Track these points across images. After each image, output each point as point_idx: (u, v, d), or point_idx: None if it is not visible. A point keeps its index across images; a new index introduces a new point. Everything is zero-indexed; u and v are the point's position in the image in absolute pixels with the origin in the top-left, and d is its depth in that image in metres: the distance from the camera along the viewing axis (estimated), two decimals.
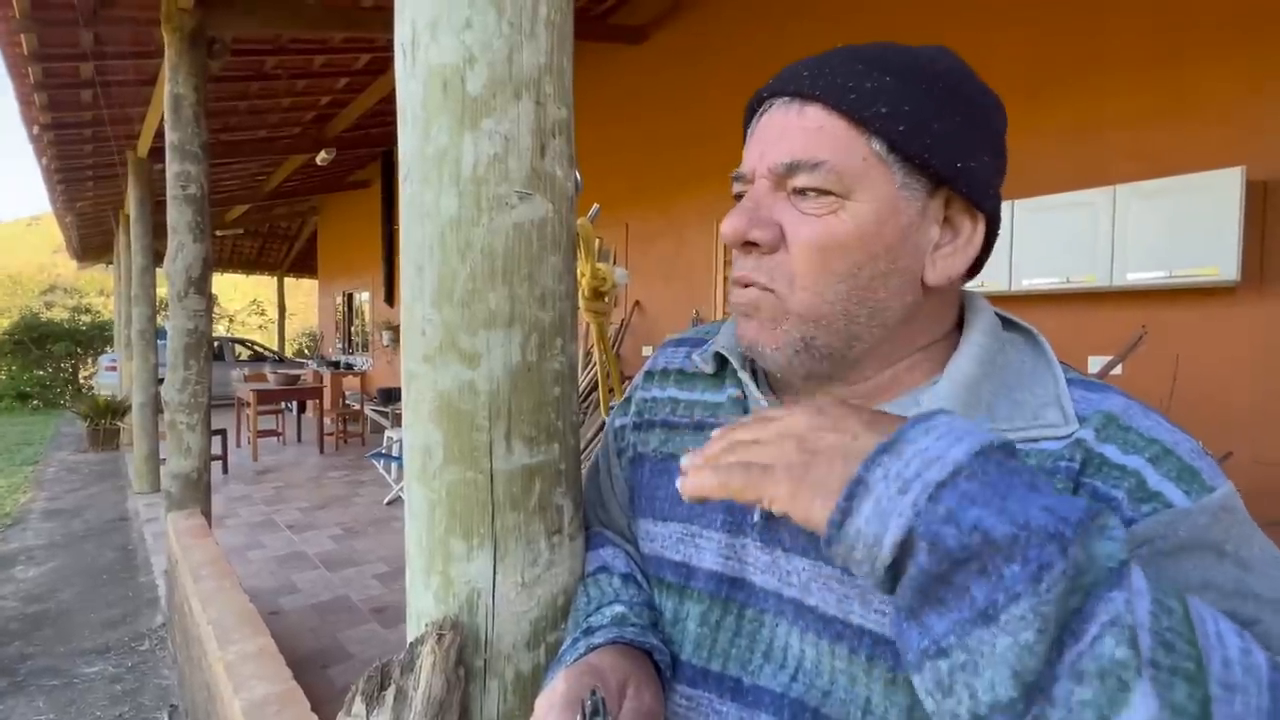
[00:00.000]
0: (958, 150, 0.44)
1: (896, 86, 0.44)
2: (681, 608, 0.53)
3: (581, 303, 0.95)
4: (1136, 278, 2.58)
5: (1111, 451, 0.41)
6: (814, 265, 0.45)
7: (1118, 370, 2.57)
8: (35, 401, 13.26)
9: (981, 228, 0.47)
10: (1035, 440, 0.43)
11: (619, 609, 0.54)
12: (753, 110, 0.51)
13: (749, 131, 0.51)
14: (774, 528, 0.48)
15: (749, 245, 0.47)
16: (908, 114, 0.43)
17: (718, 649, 0.49)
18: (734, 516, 0.51)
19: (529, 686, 0.59)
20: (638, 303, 5.34)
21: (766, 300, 0.47)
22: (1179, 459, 0.40)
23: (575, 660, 0.49)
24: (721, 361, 0.58)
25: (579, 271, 0.89)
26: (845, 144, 0.44)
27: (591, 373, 4.21)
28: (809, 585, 0.46)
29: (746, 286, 0.49)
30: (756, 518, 0.49)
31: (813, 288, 0.46)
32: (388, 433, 5.74)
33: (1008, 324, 0.52)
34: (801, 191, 0.45)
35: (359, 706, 0.54)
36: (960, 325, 0.51)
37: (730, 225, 0.47)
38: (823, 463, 0.36)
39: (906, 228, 0.45)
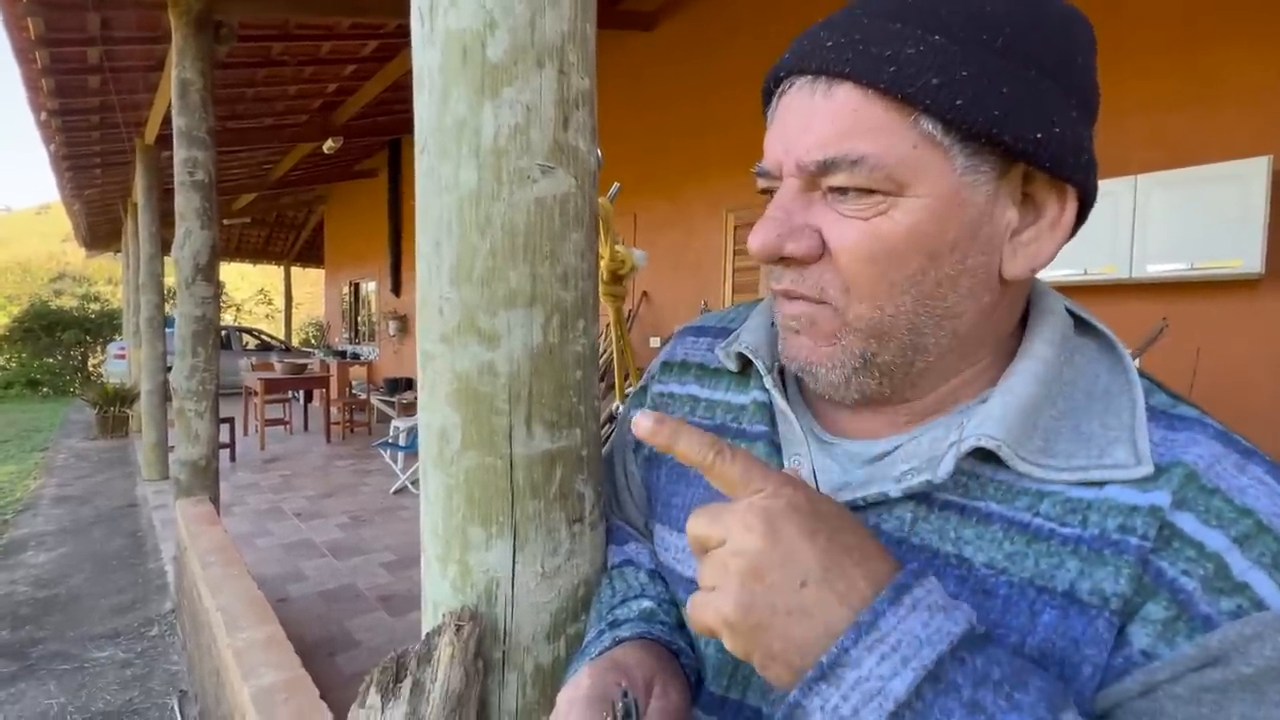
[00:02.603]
0: (1034, 115, 0.35)
1: (948, 46, 0.34)
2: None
3: (599, 286, 0.93)
4: (1157, 270, 2.54)
5: (1188, 523, 0.33)
6: (868, 276, 0.38)
7: (1136, 364, 2.53)
8: (45, 389, 13.37)
9: (1073, 204, 0.38)
10: (1100, 484, 0.36)
11: (647, 604, 0.51)
12: (771, 90, 0.43)
13: (769, 117, 0.43)
14: None
15: (785, 260, 0.40)
16: (966, 81, 0.34)
17: (738, 676, 0.46)
18: None
19: (548, 680, 0.57)
20: (645, 293, 5.32)
21: (822, 314, 0.40)
22: (1277, 538, 0.32)
23: (600, 654, 0.46)
24: (746, 359, 0.52)
25: (598, 253, 0.86)
26: (888, 130, 0.36)
27: (606, 358, 4.19)
28: None
29: (793, 299, 0.42)
30: None
31: (870, 300, 0.38)
32: (394, 422, 5.75)
33: (1079, 324, 0.43)
34: (841, 190, 0.37)
35: (374, 698, 0.52)
36: (1025, 319, 0.43)
37: (759, 241, 0.39)
38: (763, 610, 0.31)
39: (975, 219, 0.37)
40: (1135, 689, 0.33)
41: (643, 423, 0.35)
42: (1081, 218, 0.40)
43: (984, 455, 0.38)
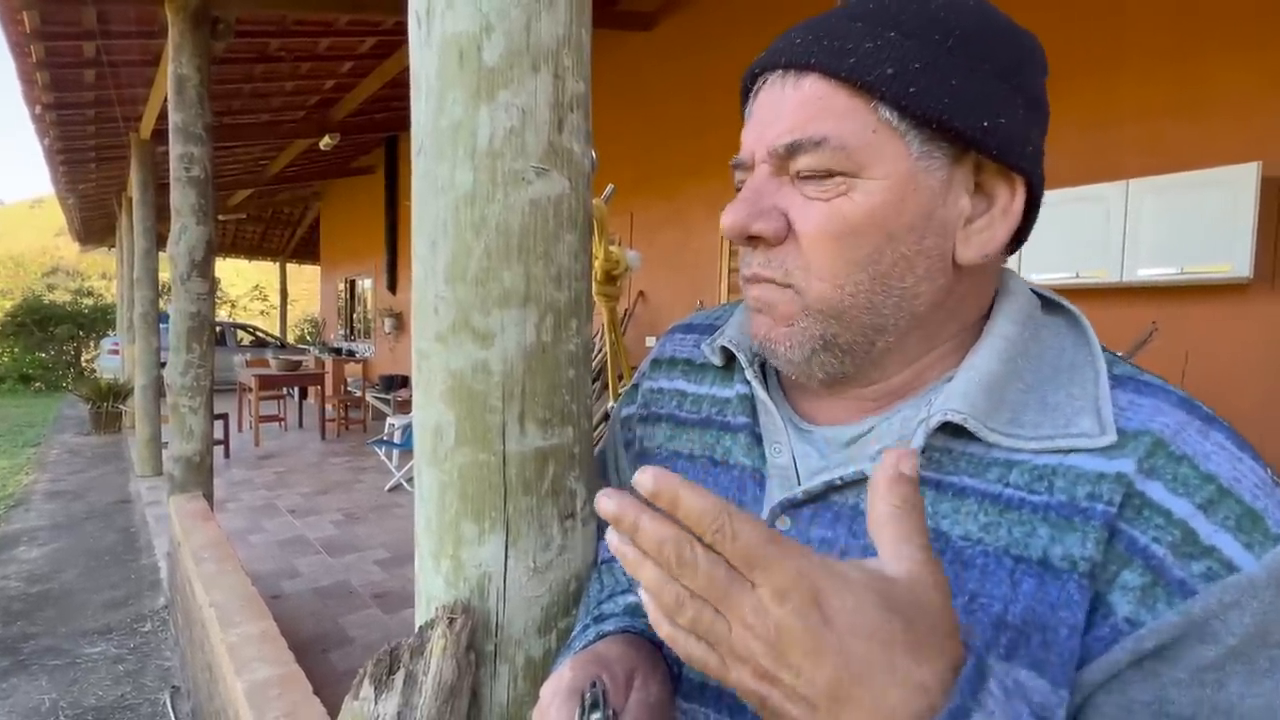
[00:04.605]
0: (982, 107, 0.38)
1: (902, 42, 0.38)
2: None
3: (593, 286, 0.94)
4: (1148, 274, 2.56)
5: (1156, 490, 0.35)
6: (827, 254, 0.41)
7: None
8: (38, 384, 13.29)
9: (1021, 192, 0.41)
10: (1065, 453, 0.38)
11: (632, 599, 0.52)
12: (749, 89, 0.46)
13: (746, 113, 0.46)
14: None
15: (753, 239, 0.43)
16: (919, 72, 0.38)
17: None
18: None
19: (539, 672, 0.58)
20: (642, 292, 5.32)
21: (783, 296, 0.43)
22: (1238, 500, 0.34)
23: (584, 647, 0.47)
24: (731, 354, 0.53)
25: (592, 253, 0.87)
26: (849, 115, 0.39)
27: (600, 357, 4.20)
28: None
29: (759, 282, 0.44)
30: None
31: (830, 279, 0.41)
32: (389, 419, 5.74)
33: (1046, 304, 0.46)
34: (806, 173, 0.40)
35: (367, 690, 0.53)
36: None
37: (730, 218, 0.42)
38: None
39: (930, 202, 0.40)
40: (1125, 658, 0.35)
41: (643, 481, 0.28)
42: (1033, 209, 0.43)
43: (954, 430, 0.40)
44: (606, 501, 0.29)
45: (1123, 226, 2.60)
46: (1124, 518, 0.35)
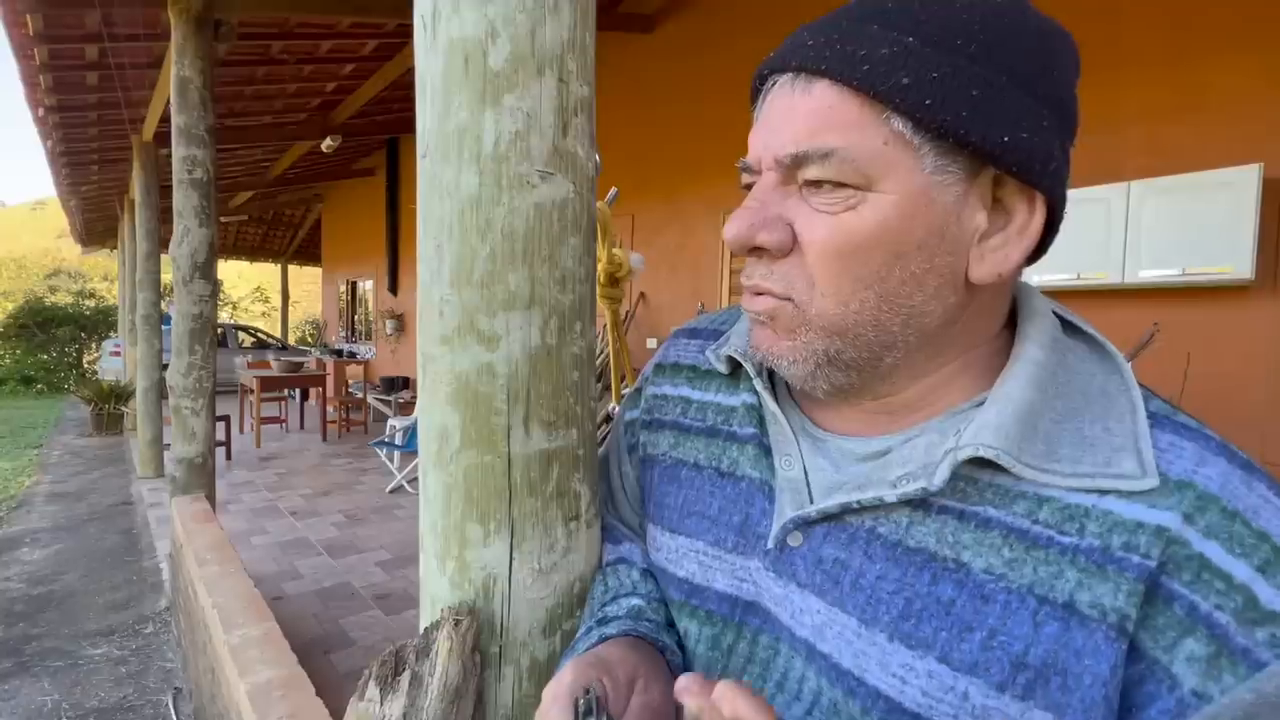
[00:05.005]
0: (1003, 120, 0.36)
1: (920, 49, 0.36)
2: (684, 626, 0.50)
3: (597, 288, 0.94)
4: (1149, 275, 2.56)
5: (1215, 552, 0.33)
6: (833, 271, 0.39)
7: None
8: (39, 385, 13.31)
9: (1041, 210, 0.39)
10: (1102, 493, 0.36)
11: (636, 602, 0.52)
12: (758, 87, 0.44)
13: (755, 113, 0.44)
14: (789, 558, 0.44)
15: (757, 250, 0.41)
16: (936, 83, 0.35)
17: (725, 675, 0.46)
18: (745, 539, 0.47)
19: (544, 674, 0.58)
20: (643, 294, 5.33)
21: (784, 310, 0.41)
22: None
23: (587, 650, 0.47)
24: (737, 361, 0.52)
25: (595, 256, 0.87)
26: (860, 126, 0.37)
27: (603, 359, 4.20)
28: (822, 630, 0.41)
29: (759, 295, 0.43)
30: (770, 544, 0.45)
31: (834, 296, 0.39)
32: (390, 421, 5.75)
33: (1067, 327, 0.43)
34: (814, 184, 0.39)
35: (373, 691, 0.54)
36: (1012, 322, 0.44)
37: (733, 229, 0.40)
38: None
39: (942, 219, 0.38)
40: None
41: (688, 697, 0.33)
42: (1053, 228, 0.41)
43: (980, 461, 0.38)
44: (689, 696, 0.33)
45: (1124, 228, 2.60)
46: (1181, 580, 0.34)
